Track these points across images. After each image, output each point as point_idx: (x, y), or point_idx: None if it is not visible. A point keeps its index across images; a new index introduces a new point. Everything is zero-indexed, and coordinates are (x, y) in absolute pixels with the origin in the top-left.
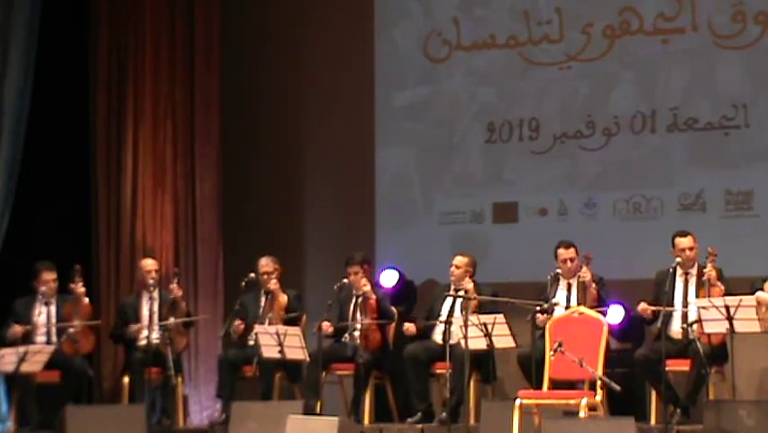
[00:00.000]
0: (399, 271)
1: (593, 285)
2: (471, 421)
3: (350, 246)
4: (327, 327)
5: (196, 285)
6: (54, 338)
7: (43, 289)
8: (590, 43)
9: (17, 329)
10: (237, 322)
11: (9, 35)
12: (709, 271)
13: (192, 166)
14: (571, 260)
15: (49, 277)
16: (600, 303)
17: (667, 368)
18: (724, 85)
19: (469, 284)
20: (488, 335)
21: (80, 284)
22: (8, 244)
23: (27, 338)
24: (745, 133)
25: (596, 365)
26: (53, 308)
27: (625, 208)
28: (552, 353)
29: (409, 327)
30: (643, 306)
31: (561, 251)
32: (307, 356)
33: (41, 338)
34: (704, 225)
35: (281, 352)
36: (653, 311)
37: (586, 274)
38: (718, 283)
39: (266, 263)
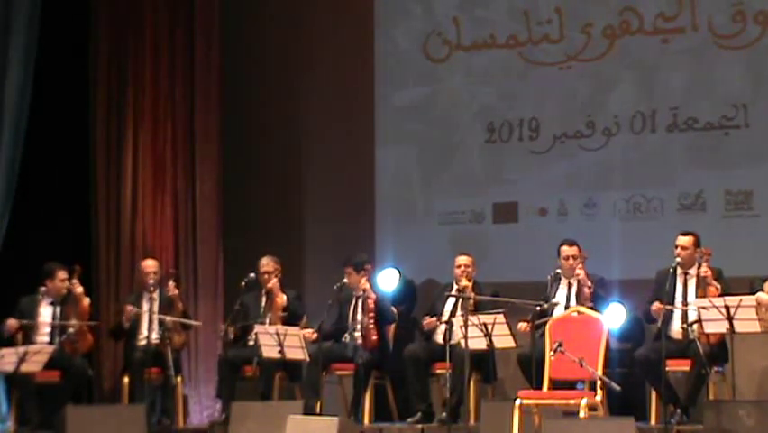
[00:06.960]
0: (399, 271)
1: (588, 284)
2: (471, 421)
3: (350, 246)
4: (309, 334)
5: (196, 285)
6: (56, 338)
7: (56, 288)
8: (590, 43)
9: (12, 323)
10: (230, 328)
11: (9, 35)
12: (705, 271)
13: (192, 166)
14: (574, 257)
15: (63, 277)
16: (594, 302)
17: (667, 368)
18: (724, 85)
19: (467, 283)
20: (488, 335)
21: (77, 284)
22: (8, 244)
23: (28, 338)
24: (745, 133)
25: (596, 365)
26: (58, 309)
27: (625, 208)
28: (552, 353)
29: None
30: (657, 305)
31: (564, 248)
32: (307, 356)
33: (43, 338)
34: (704, 225)
35: (281, 352)
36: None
37: (579, 273)
38: (714, 282)
39: (266, 263)
